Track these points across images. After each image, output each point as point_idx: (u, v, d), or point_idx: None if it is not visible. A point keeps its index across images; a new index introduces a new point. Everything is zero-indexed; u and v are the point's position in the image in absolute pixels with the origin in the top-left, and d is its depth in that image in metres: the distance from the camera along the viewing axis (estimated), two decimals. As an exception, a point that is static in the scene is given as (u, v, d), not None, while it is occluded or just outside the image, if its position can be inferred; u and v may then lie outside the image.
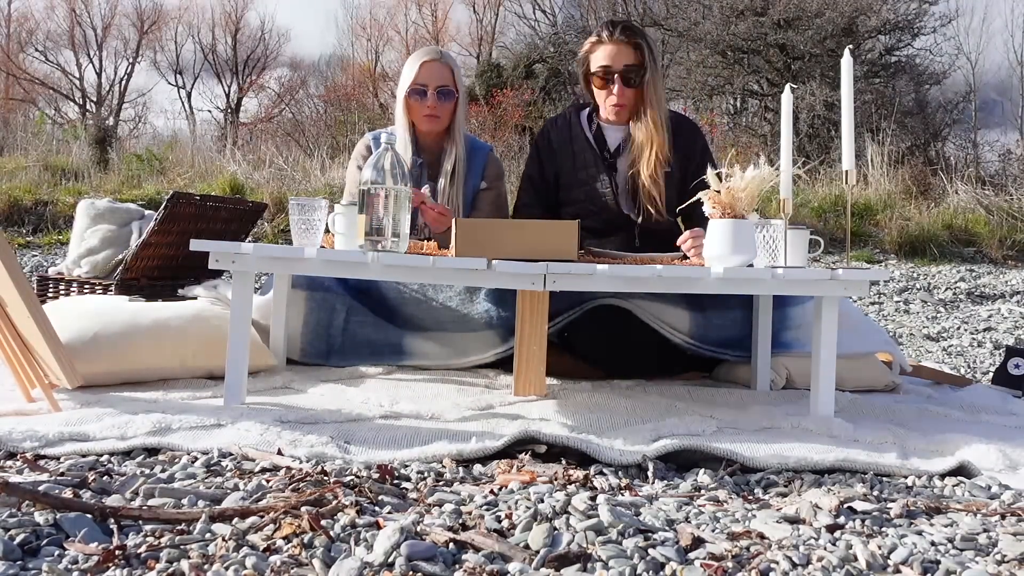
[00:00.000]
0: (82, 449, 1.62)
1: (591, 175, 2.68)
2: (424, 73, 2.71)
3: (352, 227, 2.01)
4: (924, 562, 1.18)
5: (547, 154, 2.76)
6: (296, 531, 1.19)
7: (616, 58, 2.59)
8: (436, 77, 2.71)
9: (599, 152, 2.69)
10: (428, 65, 2.72)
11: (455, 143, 2.76)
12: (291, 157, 9.75)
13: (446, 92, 2.72)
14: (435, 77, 2.71)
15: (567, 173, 2.72)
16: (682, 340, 2.52)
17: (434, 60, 2.73)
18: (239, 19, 23.62)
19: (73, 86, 22.78)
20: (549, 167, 2.75)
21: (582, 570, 1.12)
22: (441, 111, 2.73)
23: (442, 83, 2.72)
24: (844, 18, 12.10)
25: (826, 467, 1.71)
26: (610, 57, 2.60)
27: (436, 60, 2.73)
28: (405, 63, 2.82)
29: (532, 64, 15.24)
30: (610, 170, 2.67)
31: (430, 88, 2.70)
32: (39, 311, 1.88)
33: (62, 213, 7.19)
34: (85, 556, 1.10)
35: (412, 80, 2.72)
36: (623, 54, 2.59)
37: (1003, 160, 11.42)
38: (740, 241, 1.96)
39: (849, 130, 2.09)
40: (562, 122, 2.78)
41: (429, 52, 2.78)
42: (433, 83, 2.71)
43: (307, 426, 1.84)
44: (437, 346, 2.59)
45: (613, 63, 2.59)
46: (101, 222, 3.16)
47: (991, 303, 5.98)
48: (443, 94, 2.72)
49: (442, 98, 2.72)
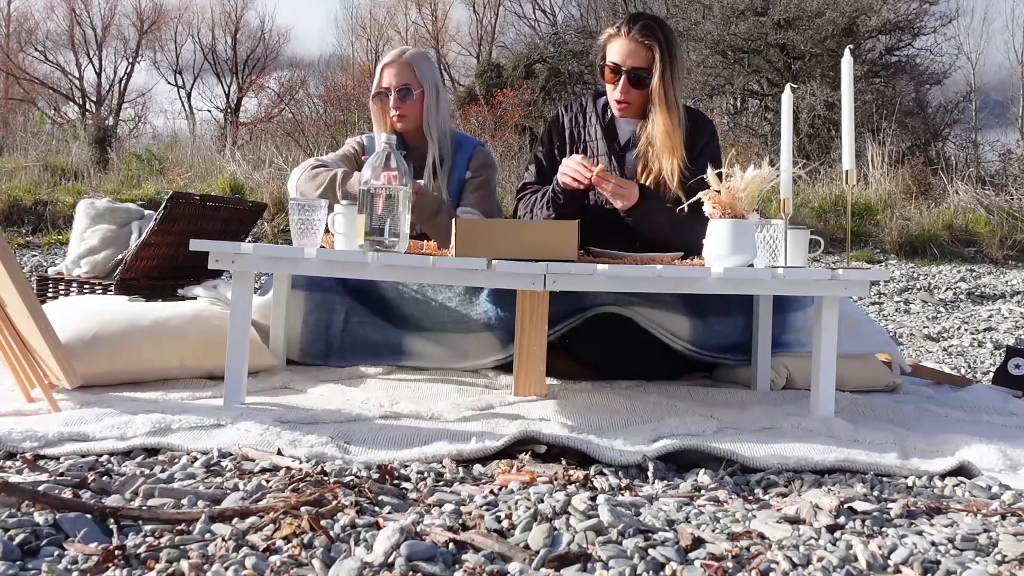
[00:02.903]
0: (82, 449, 1.62)
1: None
2: (385, 77, 2.78)
3: (352, 227, 2.01)
4: (924, 562, 1.18)
5: (559, 137, 2.75)
6: (296, 531, 1.19)
7: (626, 56, 2.54)
8: (395, 77, 2.76)
9: (609, 143, 2.68)
10: (388, 68, 2.78)
11: (431, 138, 2.78)
12: (291, 157, 9.74)
13: (405, 90, 2.75)
14: (394, 78, 2.76)
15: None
16: (683, 347, 2.52)
17: (393, 62, 2.78)
18: (239, 19, 23.62)
19: (73, 86, 22.79)
20: (560, 151, 2.74)
21: (582, 570, 1.12)
22: (407, 110, 2.76)
23: (402, 82, 2.75)
24: (844, 18, 12.10)
25: (826, 467, 1.71)
26: (621, 54, 2.55)
27: (395, 61, 2.78)
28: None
29: (532, 64, 15.24)
30: (619, 163, 2.67)
31: (392, 90, 2.75)
32: (39, 311, 1.88)
33: (62, 213, 7.19)
34: (85, 556, 1.10)
35: (375, 85, 2.79)
36: (634, 53, 2.54)
37: (1003, 160, 11.42)
38: (740, 241, 1.96)
39: (849, 130, 2.09)
40: (577, 108, 2.77)
41: (390, 54, 2.82)
42: (393, 84, 2.75)
43: (307, 426, 1.84)
44: (437, 347, 2.59)
45: (622, 61, 2.55)
46: (101, 222, 3.16)
47: (991, 303, 5.98)
48: (404, 93, 2.74)
49: (404, 97, 2.75)
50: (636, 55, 2.53)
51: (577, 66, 15.39)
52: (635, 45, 2.53)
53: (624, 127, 2.69)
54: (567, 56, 15.23)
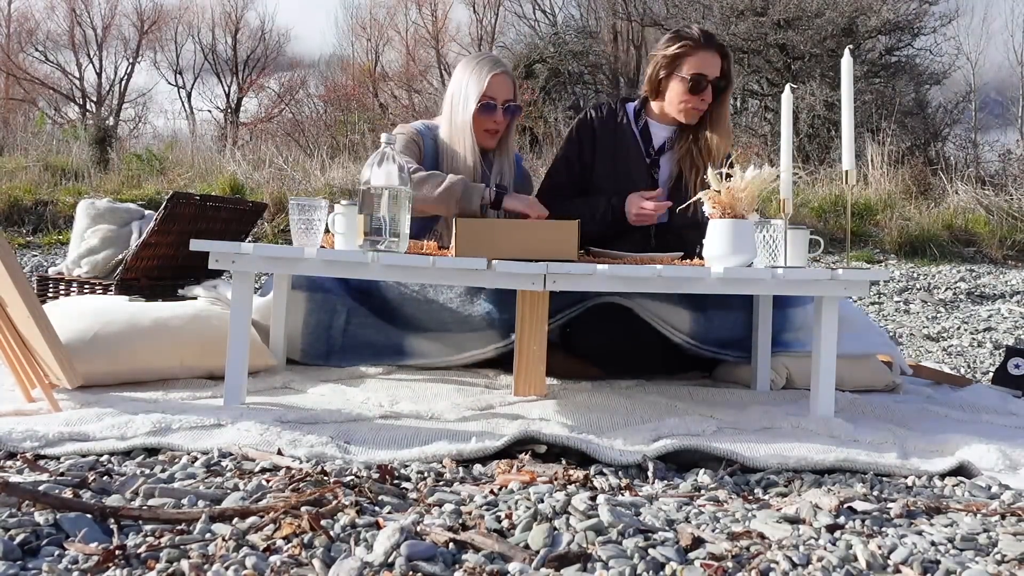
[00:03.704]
0: (82, 449, 1.62)
1: (628, 169, 2.71)
2: (495, 86, 2.64)
3: (352, 227, 2.01)
4: (924, 562, 1.18)
5: (588, 140, 2.77)
6: (296, 531, 1.19)
7: (711, 66, 2.63)
8: (505, 91, 2.66)
9: (644, 148, 2.71)
10: (498, 78, 2.65)
11: (508, 157, 2.75)
12: (291, 157, 9.75)
13: (514, 108, 2.70)
14: (504, 91, 2.66)
15: (605, 162, 2.74)
16: (682, 340, 2.52)
17: (504, 72, 2.66)
18: (239, 19, 23.60)
19: (73, 86, 22.76)
20: (588, 152, 2.76)
21: (582, 570, 1.12)
22: (503, 127, 2.71)
23: (509, 98, 2.68)
24: (844, 18, 12.10)
25: (826, 467, 1.71)
26: (706, 65, 2.63)
27: (505, 72, 2.67)
28: (466, 71, 2.69)
29: (532, 64, 15.23)
30: (652, 167, 2.71)
31: (499, 102, 2.66)
32: (39, 311, 1.88)
33: (62, 213, 7.19)
34: (85, 556, 1.10)
35: (482, 93, 2.63)
36: (716, 64, 2.64)
37: (1003, 160, 11.41)
38: (740, 241, 1.96)
39: (849, 130, 2.09)
40: (607, 112, 2.79)
41: (497, 64, 2.70)
42: (502, 97, 2.66)
43: (307, 426, 1.84)
44: (439, 345, 2.59)
45: (708, 71, 2.62)
46: (101, 222, 3.16)
47: (991, 303, 5.98)
48: (510, 110, 2.69)
49: (508, 114, 2.69)
50: (718, 65, 2.64)
51: (577, 66, 15.39)
52: (717, 56, 2.64)
53: (658, 132, 2.75)
54: (567, 56, 15.22)
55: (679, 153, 2.70)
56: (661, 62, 2.68)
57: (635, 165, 2.70)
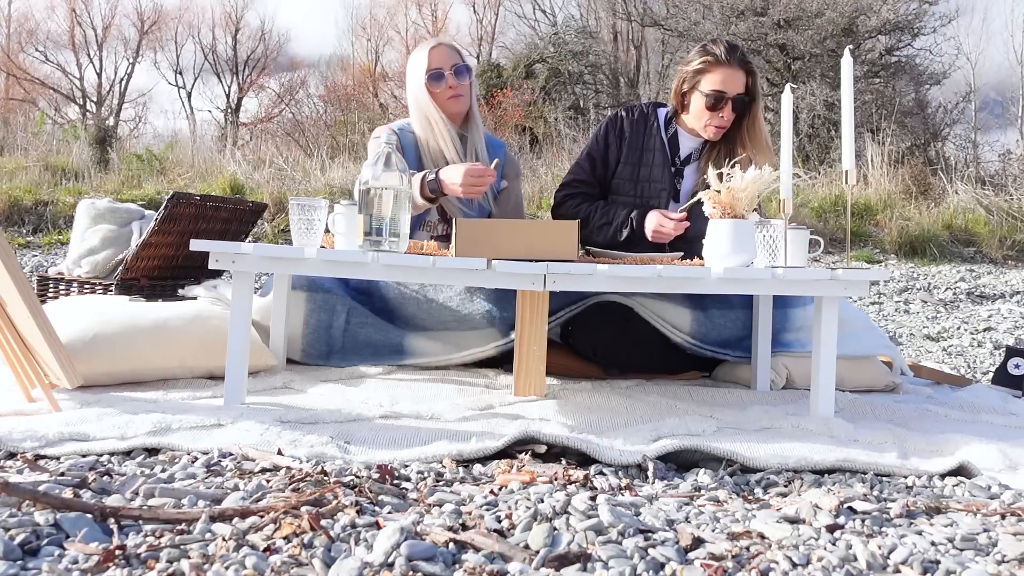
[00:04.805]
0: (82, 449, 1.62)
1: (651, 175, 2.70)
2: (435, 58, 2.71)
3: (352, 227, 2.01)
4: (924, 562, 1.18)
5: (616, 140, 2.77)
6: (296, 531, 1.19)
7: (732, 84, 2.61)
8: (447, 59, 2.72)
9: (670, 157, 2.71)
10: (437, 50, 2.73)
11: (476, 127, 2.77)
12: (291, 157, 9.75)
13: (462, 67, 2.73)
14: (446, 59, 2.72)
15: (629, 166, 2.73)
16: (682, 339, 2.53)
17: (440, 44, 2.75)
18: (239, 19, 23.60)
19: (73, 86, 22.76)
20: (614, 153, 2.76)
21: (582, 570, 1.12)
22: (462, 89, 2.73)
23: (455, 62, 2.72)
24: (844, 18, 12.09)
25: (826, 467, 1.71)
26: (726, 82, 2.60)
27: (442, 44, 2.75)
28: (410, 61, 2.80)
29: (532, 64, 15.24)
30: (676, 176, 2.70)
31: (446, 69, 2.70)
32: (39, 311, 1.88)
33: (62, 213, 7.19)
34: (85, 556, 1.10)
35: (426, 67, 2.70)
36: (738, 80, 2.61)
37: (1003, 160, 11.41)
38: (740, 241, 1.96)
39: (849, 130, 2.09)
40: (639, 115, 2.79)
41: (432, 40, 2.79)
42: (447, 64, 2.71)
43: (307, 426, 1.84)
44: (439, 343, 2.59)
45: (728, 88, 2.60)
46: (101, 222, 3.16)
47: (991, 303, 5.98)
48: (461, 70, 2.72)
49: (460, 75, 2.72)
50: (740, 82, 2.62)
51: (577, 66, 15.38)
52: (739, 72, 2.61)
53: (686, 143, 2.74)
54: (567, 56, 15.22)
55: (705, 166, 2.66)
56: (685, 76, 2.69)
57: (659, 172, 2.70)
